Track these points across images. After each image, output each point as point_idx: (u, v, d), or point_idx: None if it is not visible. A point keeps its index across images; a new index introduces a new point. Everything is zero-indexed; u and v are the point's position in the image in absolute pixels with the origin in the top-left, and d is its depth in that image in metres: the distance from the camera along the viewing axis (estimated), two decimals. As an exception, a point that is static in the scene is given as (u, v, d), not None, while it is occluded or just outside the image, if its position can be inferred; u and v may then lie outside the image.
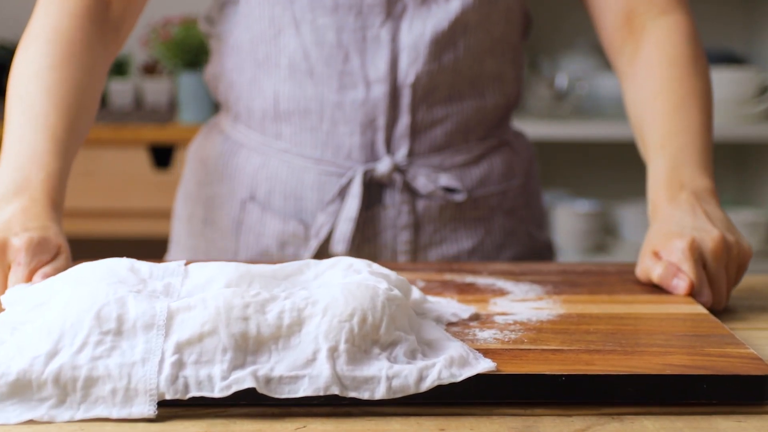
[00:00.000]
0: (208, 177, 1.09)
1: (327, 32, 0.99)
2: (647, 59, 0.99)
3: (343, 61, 1.00)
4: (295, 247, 1.04)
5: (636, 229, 2.38)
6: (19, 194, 0.83)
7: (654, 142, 0.95)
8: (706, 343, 0.72)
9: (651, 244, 0.88)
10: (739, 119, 2.31)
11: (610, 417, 0.65)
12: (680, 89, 0.96)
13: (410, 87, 1.00)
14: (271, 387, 0.63)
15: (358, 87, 1.00)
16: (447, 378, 0.65)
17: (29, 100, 0.89)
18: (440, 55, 1.00)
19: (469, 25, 1.01)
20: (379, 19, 0.99)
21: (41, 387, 0.62)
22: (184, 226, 1.13)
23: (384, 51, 0.99)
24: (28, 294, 0.72)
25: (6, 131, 0.88)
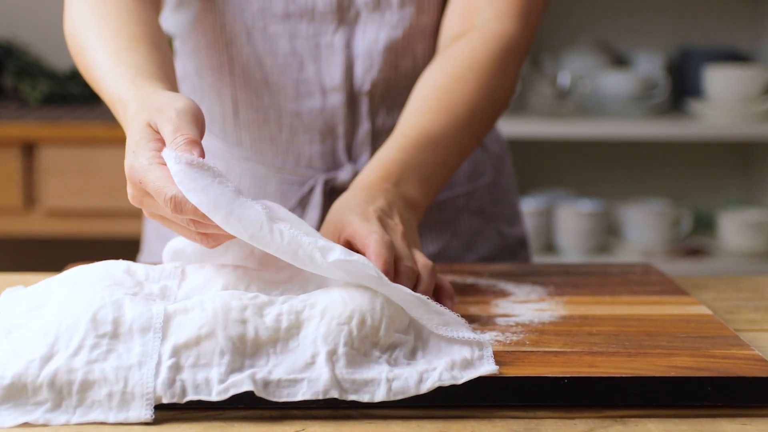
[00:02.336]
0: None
1: (279, 40, 0.97)
2: (454, 50, 0.94)
3: (298, 70, 0.98)
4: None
5: (639, 230, 2.37)
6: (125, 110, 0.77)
7: (404, 123, 0.89)
8: (711, 345, 0.72)
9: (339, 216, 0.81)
10: (744, 118, 2.30)
11: (614, 420, 0.64)
12: (458, 95, 0.90)
13: (367, 94, 0.98)
14: (270, 390, 0.63)
15: (314, 95, 0.98)
16: (448, 380, 0.64)
17: (107, 42, 0.84)
18: (397, 61, 0.99)
19: (426, 30, 0.99)
20: (332, 27, 0.97)
21: (36, 391, 0.62)
22: (152, 231, 1.11)
23: (338, 58, 0.97)
24: (24, 297, 0.71)
25: (101, 79, 0.84)
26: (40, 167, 2.14)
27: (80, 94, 2.42)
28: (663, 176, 2.59)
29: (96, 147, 2.14)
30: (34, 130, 2.12)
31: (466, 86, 0.91)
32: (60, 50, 2.51)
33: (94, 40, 0.86)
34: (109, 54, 0.83)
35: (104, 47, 0.84)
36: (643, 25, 2.55)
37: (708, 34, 2.56)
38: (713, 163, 2.58)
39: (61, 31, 1.02)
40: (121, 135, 1.87)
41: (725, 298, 0.91)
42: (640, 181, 2.59)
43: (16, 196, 2.14)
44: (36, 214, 2.17)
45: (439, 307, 0.69)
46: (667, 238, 2.37)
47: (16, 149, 2.13)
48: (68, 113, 2.25)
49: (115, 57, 0.83)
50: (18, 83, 2.38)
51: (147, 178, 0.68)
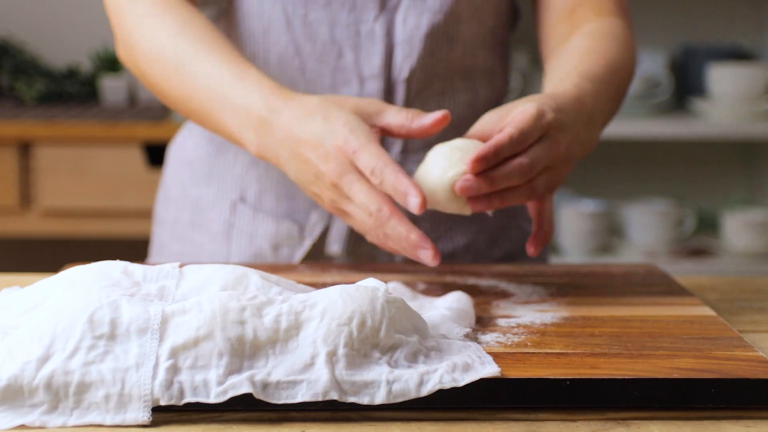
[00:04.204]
0: (192, 178, 1.07)
1: (319, 27, 0.97)
2: (575, 40, 0.97)
3: (337, 57, 0.98)
4: (290, 249, 1.02)
5: (642, 230, 2.37)
6: (279, 108, 0.84)
7: (570, 67, 0.92)
8: (714, 346, 0.71)
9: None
10: (748, 116, 2.29)
11: (616, 422, 0.64)
12: (601, 60, 0.94)
13: (404, 82, 0.99)
14: (269, 392, 0.62)
15: (351, 83, 0.98)
16: (449, 383, 0.63)
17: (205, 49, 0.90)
18: (435, 48, 0.99)
19: (462, 17, 1.00)
20: (372, 14, 0.97)
21: (33, 393, 0.61)
22: (168, 230, 1.10)
23: (378, 46, 0.98)
24: (20, 297, 0.71)
25: (202, 89, 0.89)
26: (36, 167, 2.14)
27: (77, 92, 2.42)
28: (666, 176, 2.58)
29: (93, 146, 2.14)
30: (30, 129, 2.12)
31: (610, 47, 0.95)
32: (56, 48, 2.51)
33: (169, 42, 0.91)
34: (227, 70, 0.88)
35: (213, 62, 0.89)
36: (646, 23, 2.54)
37: (711, 32, 2.55)
38: (717, 162, 2.58)
39: (59, 30, 1.02)
40: (117, 134, 1.88)
41: (729, 299, 0.91)
42: (643, 180, 2.58)
43: (12, 196, 2.14)
44: (32, 214, 2.16)
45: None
46: (671, 238, 2.36)
47: (12, 148, 2.13)
48: (65, 112, 2.25)
49: (234, 71, 0.88)
50: (14, 82, 2.37)
51: (363, 152, 0.79)
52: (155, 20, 0.93)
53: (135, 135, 2.14)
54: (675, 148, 2.56)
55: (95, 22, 2.51)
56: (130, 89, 2.41)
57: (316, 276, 0.90)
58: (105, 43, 2.46)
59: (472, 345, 0.69)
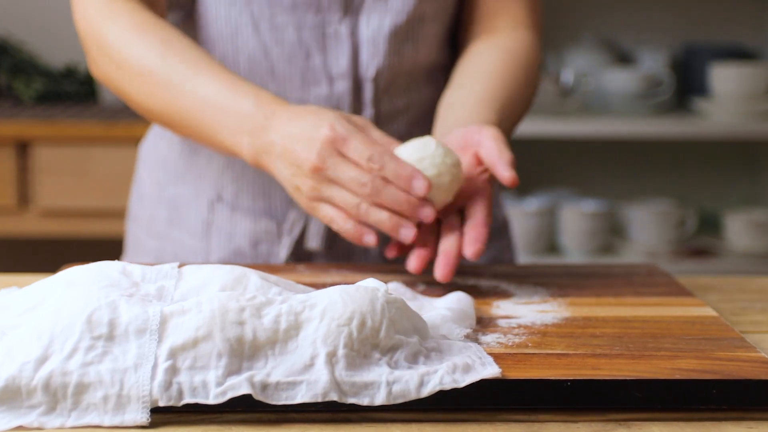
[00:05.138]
0: (167, 178, 1.08)
1: (286, 30, 0.99)
2: (488, 56, 1.02)
3: (305, 58, 1.00)
4: (269, 245, 1.03)
5: (644, 230, 2.36)
6: (267, 115, 0.88)
7: (484, 95, 0.97)
8: (716, 347, 0.71)
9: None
10: (750, 116, 2.28)
11: (617, 423, 0.63)
12: (509, 90, 1.00)
13: (372, 81, 1.01)
14: (268, 393, 0.62)
15: (320, 83, 1.00)
16: (449, 384, 0.63)
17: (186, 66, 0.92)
18: (399, 48, 1.01)
19: (426, 17, 1.02)
20: (337, 15, 0.99)
21: (31, 393, 0.61)
22: (143, 228, 1.11)
23: (344, 47, 1.00)
24: (18, 298, 0.71)
25: (194, 104, 0.92)
26: (34, 166, 2.14)
27: (75, 92, 2.41)
28: (667, 175, 2.58)
29: (91, 146, 2.14)
30: (28, 128, 2.12)
31: (510, 68, 1.01)
32: (55, 48, 2.51)
33: (158, 62, 0.93)
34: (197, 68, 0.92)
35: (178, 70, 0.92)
36: (648, 22, 2.54)
37: (713, 31, 2.54)
38: (719, 162, 2.57)
39: (57, 29, 1.02)
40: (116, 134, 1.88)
41: (731, 299, 0.90)
42: (645, 180, 2.58)
43: (10, 196, 2.13)
44: (30, 214, 2.16)
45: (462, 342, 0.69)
46: (672, 238, 2.36)
47: (10, 148, 2.12)
48: (63, 112, 2.24)
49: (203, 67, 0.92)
50: (12, 81, 2.37)
51: (354, 140, 0.83)
52: (137, 39, 0.94)
53: (134, 135, 2.13)
54: (676, 147, 2.55)
55: (95, 22, 2.51)
56: (130, 89, 2.41)
57: (316, 276, 0.90)
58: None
59: (472, 346, 0.68)
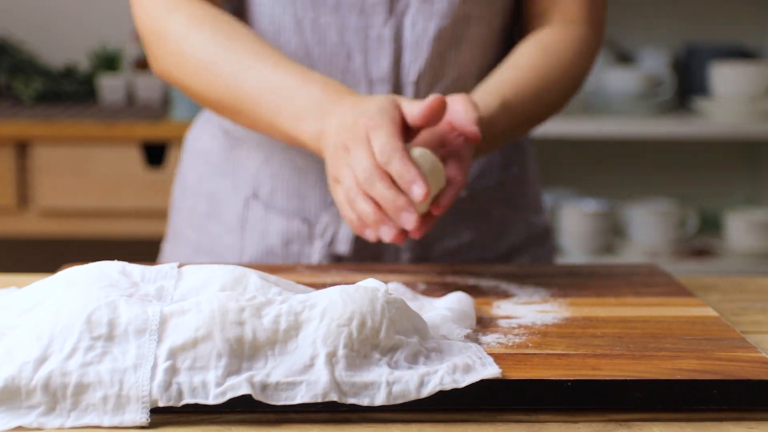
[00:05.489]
0: (208, 171, 1.08)
1: (329, 31, 0.99)
2: (520, 48, 1.02)
3: (346, 60, 0.99)
4: (300, 245, 1.03)
5: (644, 230, 2.36)
6: (335, 99, 0.88)
7: (495, 84, 0.97)
8: (717, 347, 0.71)
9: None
10: (751, 115, 2.28)
11: (618, 423, 0.63)
12: (530, 79, 0.98)
13: (413, 84, 1.00)
14: (268, 393, 0.62)
15: (360, 86, 1.00)
16: (449, 384, 0.63)
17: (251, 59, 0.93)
18: (443, 51, 1.00)
19: (471, 19, 1.01)
20: (381, 18, 0.98)
21: (30, 394, 0.61)
22: (184, 219, 1.11)
23: (387, 50, 0.99)
24: (17, 298, 0.71)
25: (258, 92, 0.92)
26: (33, 166, 2.13)
27: (74, 92, 2.41)
28: (668, 175, 2.57)
29: (91, 146, 2.13)
30: (27, 128, 2.11)
31: (543, 62, 1.00)
32: (54, 47, 2.51)
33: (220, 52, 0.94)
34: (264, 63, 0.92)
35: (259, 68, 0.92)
36: (649, 21, 2.53)
37: (714, 31, 2.54)
38: (720, 161, 2.57)
39: (57, 29, 1.02)
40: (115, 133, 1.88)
41: (731, 299, 0.90)
42: (645, 180, 2.57)
43: (9, 196, 2.13)
44: (30, 214, 2.16)
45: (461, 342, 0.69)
46: (673, 238, 2.36)
47: (10, 148, 2.12)
48: (62, 111, 2.24)
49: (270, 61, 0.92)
50: (11, 81, 2.37)
51: (380, 131, 0.83)
52: (198, 31, 0.95)
53: (133, 134, 2.13)
54: (677, 147, 2.55)
55: (93, 21, 2.51)
56: (129, 88, 2.41)
57: (316, 276, 0.90)
58: (103, 41, 2.46)
59: (472, 346, 0.68)
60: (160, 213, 2.17)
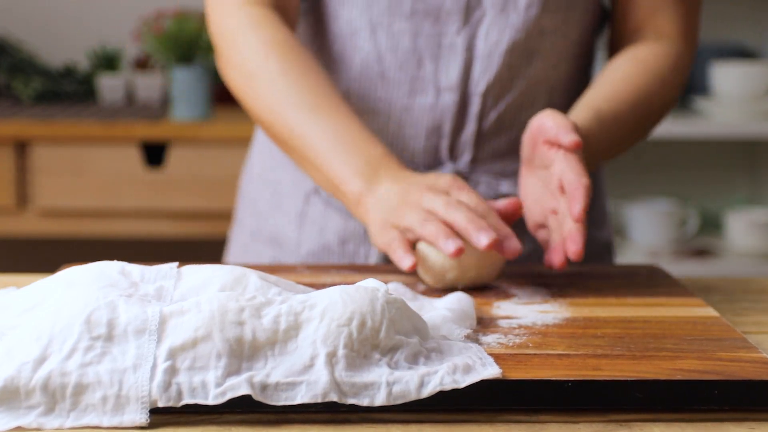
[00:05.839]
0: (273, 162, 1.09)
1: (402, 37, 0.99)
2: (613, 64, 1.02)
3: (417, 67, 1.00)
4: (356, 245, 1.03)
5: (645, 230, 2.36)
6: (378, 169, 0.89)
7: (589, 99, 0.97)
8: (718, 348, 0.70)
9: None
10: (752, 115, 2.28)
11: (618, 424, 0.63)
12: (625, 94, 0.98)
13: (480, 95, 1.00)
14: (268, 394, 0.62)
15: (428, 92, 1.00)
16: (449, 384, 0.63)
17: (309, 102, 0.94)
18: (513, 63, 1.00)
19: (546, 31, 1.00)
20: (455, 26, 0.98)
21: (29, 394, 0.61)
22: (248, 206, 1.12)
23: (458, 58, 0.99)
24: (17, 298, 0.70)
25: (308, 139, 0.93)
26: (33, 166, 2.13)
27: (74, 91, 2.40)
28: (669, 175, 2.57)
29: (90, 146, 2.13)
30: (27, 128, 2.11)
31: (638, 75, 1.00)
32: (53, 47, 2.50)
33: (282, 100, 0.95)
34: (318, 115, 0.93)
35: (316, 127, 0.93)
36: (649, 23, 2.53)
37: (715, 31, 2.54)
38: (720, 161, 2.57)
39: (56, 28, 1.02)
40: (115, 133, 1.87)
41: (733, 299, 0.90)
42: (646, 180, 2.57)
43: (8, 196, 2.13)
44: (29, 214, 2.16)
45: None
46: (673, 238, 2.35)
47: (9, 148, 2.12)
48: (62, 111, 2.24)
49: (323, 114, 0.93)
50: (11, 81, 2.36)
51: (468, 192, 0.86)
52: (264, 64, 0.95)
53: (133, 134, 2.13)
54: (678, 147, 2.55)
55: (92, 21, 2.51)
56: (128, 88, 2.40)
57: (316, 276, 0.90)
58: (102, 41, 2.46)
59: (473, 346, 0.68)
60: (160, 213, 2.17)
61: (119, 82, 2.36)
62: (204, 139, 2.13)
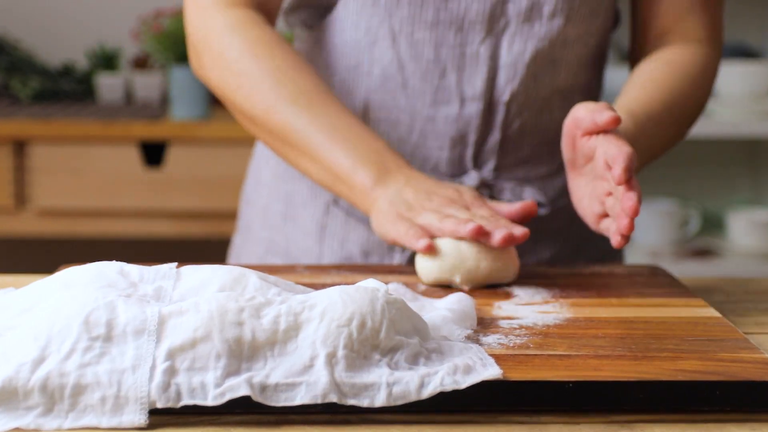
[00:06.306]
0: (287, 172, 1.07)
1: (425, 47, 0.98)
2: (643, 67, 1.02)
3: (440, 77, 0.99)
4: (380, 257, 1.02)
5: (646, 230, 2.36)
6: (387, 162, 0.90)
7: (623, 100, 0.97)
8: (719, 348, 0.70)
9: None
10: (754, 115, 2.27)
11: (620, 425, 0.63)
12: (658, 95, 0.98)
13: (505, 104, 0.99)
14: (267, 395, 0.62)
15: (452, 103, 0.99)
16: (450, 385, 0.63)
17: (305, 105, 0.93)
18: (538, 72, 1.00)
19: (568, 40, 1.00)
20: (479, 36, 0.98)
21: (28, 395, 0.60)
22: (258, 215, 1.10)
23: (482, 68, 0.98)
24: (15, 299, 0.70)
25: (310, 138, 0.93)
26: (31, 166, 2.13)
27: (72, 90, 2.40)
28: (670, 175, 2.57)
29: (89, 145, 2.13)
30: (25, 127, 2.11)
31: (672, 76, 1.00)
32: (51, 46, 2.50)
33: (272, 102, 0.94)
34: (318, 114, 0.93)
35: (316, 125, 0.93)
36: (651, 22, 2.52)
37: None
38: (722, 161, 2.57)
39: (54, 27, 1.02)
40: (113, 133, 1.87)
41: (734, 300, 0.90)
42: (647, 179, 2.57)
43: (6, 196, 2.13)
44: (27, 214, 2.16)
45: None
46: (675, 238, 2.35)
47: (7, 147, 2.12)
48: (60, 110, 2.23)
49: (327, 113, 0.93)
50: (9, 80, 2.36)
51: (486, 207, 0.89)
52: (256, 71, 0.95)
53: (131, 134, 2.13)
54: (680, 146, 2.53)
55: (91, 19, 2.50)
56: (127, 87, 2.40)
57: (315, 277, 0.89)
58: (101, 40, 2.45)
59: (473, 347, 0.68)
60: (158, 213, 2.17)
61: (118, 82, 2.36)
62: (203, 138, 2.12)
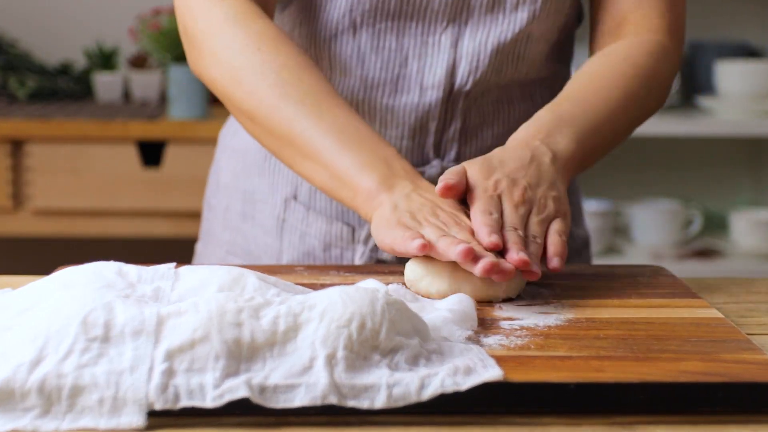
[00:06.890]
0: (245, 170, 1.06)
1: (387, 36, 0.98)
2: (607, 49, 1.00)
3: (401, 66, 0.98)
4: (341, 249, 1.01)
5: (648, 230, 2.35)
6: (394, 167, 0.86)
7: (559, 96, 0.95)
8: (722, 349, 0.70)
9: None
10: (756, 114, 2.27)
11: (622, 426, 0.62)
12: (612, 78, 0.95)
13: (466, 93, 0.99)
14: (266, 396, 0.61)
15: (412, 92, 0.98)
16: (450, 386, 0.62)
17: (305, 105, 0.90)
18: (501, 66, 0.99)
19: (533, 36, 0.99)
20: (441, 26, 0.97)
21: (25, 396, 0.60)
22: (218, 218, 1.10)
23: (443, 57, 0.98)
24: (12, 299, 0.70)
25: (312, 140, 0.89)
26: (28, 165, 2.13)
27: (70, 89, 2.40)
28: (672, 175, 2.57)
29: (87, 144, 2.13)
30: (22, 126, 2.11)
31: (622, 72, 0.96)
32: (49, 44, 2.50)
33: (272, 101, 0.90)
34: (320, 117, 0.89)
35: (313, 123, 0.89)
36: (653, 22, 2.52)
37: (719, 29, 2.53)
38: (724, 161, 2.56)
39: (52, 26, 1.02)
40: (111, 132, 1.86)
41: (737, 300, 0.89)
42: (649, 180, 2.57)
43: (3, 195, 2.13)
44: (24, 214, 2.16)
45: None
46: (677, 238, 2.35)
47: (4, 147, 2.12)
48: (58, 110, 2.23)
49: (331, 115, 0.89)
50: (6, 79, 2.36)
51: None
52: (249, 66, 0.91)
53: (130, 133, 2.13)
54: (681, 146, 2.54)
55: (89, 18, 2.50)
56: (125, 86, 2.40)
57: (315, 277, 0.89)
58: (99, 39, 2.45)
59: (474, 348, 0.67)
60: (157, 213, 2.17)
61: (116, 81, 2.36)
62: (201, 138, 2.12)
